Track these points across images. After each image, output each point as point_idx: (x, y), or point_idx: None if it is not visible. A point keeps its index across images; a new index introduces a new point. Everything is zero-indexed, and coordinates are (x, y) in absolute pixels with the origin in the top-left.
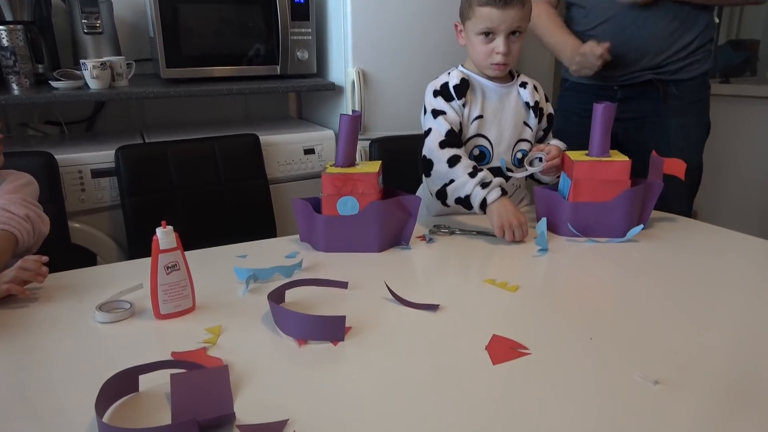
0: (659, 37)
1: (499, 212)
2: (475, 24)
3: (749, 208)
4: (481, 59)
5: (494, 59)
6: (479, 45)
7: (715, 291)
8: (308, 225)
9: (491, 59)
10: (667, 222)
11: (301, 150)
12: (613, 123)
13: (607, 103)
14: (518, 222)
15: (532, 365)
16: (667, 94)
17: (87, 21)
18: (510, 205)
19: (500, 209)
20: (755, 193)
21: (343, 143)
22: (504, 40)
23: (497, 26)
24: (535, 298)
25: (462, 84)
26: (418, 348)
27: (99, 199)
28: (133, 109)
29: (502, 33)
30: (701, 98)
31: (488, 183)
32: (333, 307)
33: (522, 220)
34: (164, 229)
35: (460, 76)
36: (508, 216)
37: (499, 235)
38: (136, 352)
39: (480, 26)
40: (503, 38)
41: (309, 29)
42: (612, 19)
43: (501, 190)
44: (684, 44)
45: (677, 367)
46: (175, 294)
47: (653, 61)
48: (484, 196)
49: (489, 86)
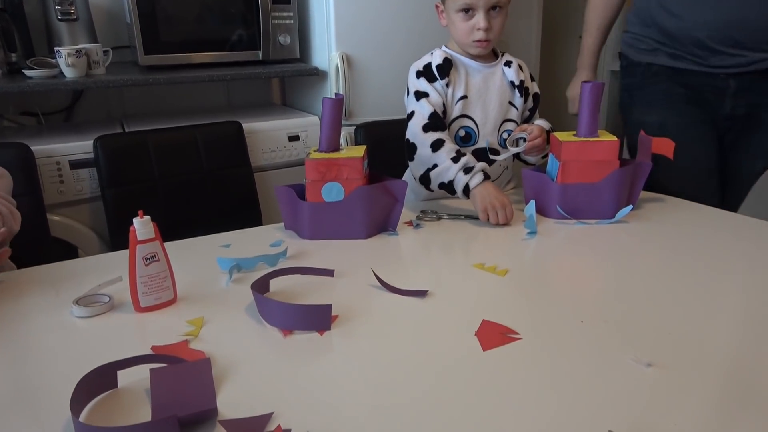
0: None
1: (482, 196)
2: (455, 1)
3: None
4: (462, 37)
5: (475, 35)
6: (460, 22)
7: (705, 271)
8: (292, 213)
9: (473, 36)
10: (656, 202)
11: (286, 137)
12: (721, 123)
13: (595, 81)
14: (501, 204)
15: (523, 350)
16: None
17: (61, 7)
18: (492, 188)
19: (483, 193)
20: None
21: (327, 128)
22: (484, 15)
23: (476, 1)
24: (524, 282)
25: (445, 63)
26: (406, 336)
27: (78, 191)
28: (112, 97)
29: (481, 8)
30: None
31: (471, 168)
32: (319, 295)
33: (505, 202)
34: (141, 220)
35: (443, 56)
36: (491, 199)
37: (483, 219)
38: (115, 347)
39: (459, 2)
40: (483, 13)
41: (291, 13)
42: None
43: (483, 175)
44: None
45: (670, 348)
46: (155, 286)
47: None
48: (466, 181)
49: (473, 66)
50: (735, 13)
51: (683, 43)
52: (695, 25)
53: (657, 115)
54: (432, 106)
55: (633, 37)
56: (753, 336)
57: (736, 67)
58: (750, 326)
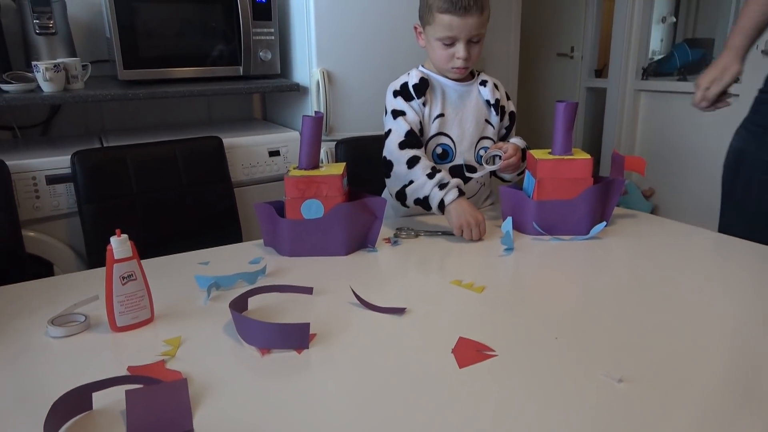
0: None
1: (456, 212)
2: (436, 30)
3: (707, 202)
4: (441, 63)
5: (455, 63)
6: (439, 49)
7: (677, 286)
8: (272, 229)
9: (452, 63)
10: (628, 218)
11: (266, 152)
12: None
13: (569, 101)
14: (475, 221)
15: (498, 367)
16: None
17: (39, 21)
18: (467, 204)
19: (458, 209)
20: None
21: (306, 145)
22: (464, 46)
23: (457, 34)
24: (501, 299)
25: (421, 83)
26: (384, 354)
27: (55, 207)
28: (90, 112)
29: (462, 40)
30: None
31: (446, 184)
32: (298, 313)
33: (479, 219)
34: (119, 238)
35: (419, 76)
36: (465, 216)
37: (458, 234)
38: (91, 368)
39: (440, 33)
40: (463, 44)
41: (272, 29)
42: None
43: (458, 191)
44: None
45: (641, 364)
46: (131, 305)
47: None
48: (441, 197)
49: (449, 85)
50: None
51: None
52: None
53: None
54: (408, 124)
55: None
56: (725, 351)
57: None
58: (722, 341)
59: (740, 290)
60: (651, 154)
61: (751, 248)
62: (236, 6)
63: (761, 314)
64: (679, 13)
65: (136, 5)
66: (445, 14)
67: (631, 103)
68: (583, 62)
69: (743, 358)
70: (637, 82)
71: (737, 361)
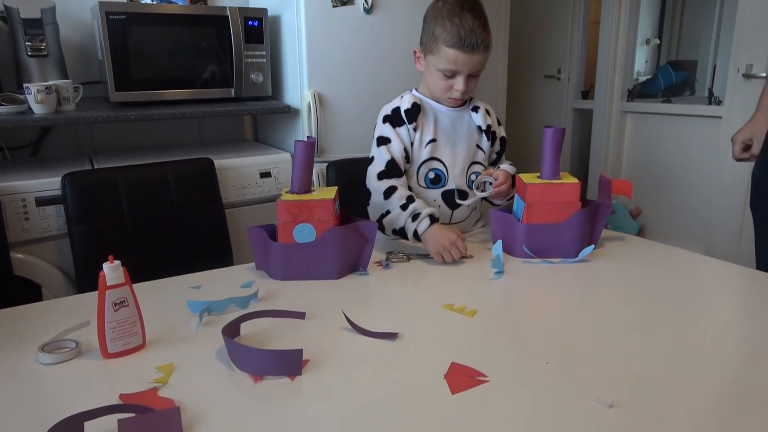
0: None
1: (431, 240)
2: (439, 61)
3: (693, 221)
4: (438, 92)
5: (452, 95)
6: (439, 79)
7: (665, 310)
8: (264, 253)
9: (450, 94)
10: (616, 241)
11: (257, 173)
12: None
13: (556, 126)
14: (450, 242)
15: (490, 393)
16: None
17: (31, 44)
18: (438, 230)
19: (431, 237)
20: (697, 206)
21: (298, 169)
22: (464, 80)
23: (460, 68)
24: (492, 323)
25: (413, 108)
26: (377, 380)
27: (44, 229)
28: (81, 133)
29: (463, 74)
30: None
31: (418, 214)
32: (290, 338)
33: (453, 239)
34: (111, 264)
35: (412, 101)
36: (440, 240)
37: (439, 260)
38: (82, 396)
39: (443, 65)
40: (464, 78)
41: (263, 52)
42: None
43: (430, 219)
44: None
45: (631, 389)
46: (123, 331)
47: None
48: (415, 228)
49: (441, 110)
50: None
51: None
52: None
53: None
54: (390, 154)
55: None
56: (715, 375)
57: None
58: (712, 365)
59: (728, 314)
60: (637, 174)
61: (738, 271)
62: (228, 29)
63: (751, 338)
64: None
65: (129, 28)
66: (452, 48)
67: (617, 124)
68: (570, 84)
69: (734, 383)
70: (622, 103)
71: (728, 385)
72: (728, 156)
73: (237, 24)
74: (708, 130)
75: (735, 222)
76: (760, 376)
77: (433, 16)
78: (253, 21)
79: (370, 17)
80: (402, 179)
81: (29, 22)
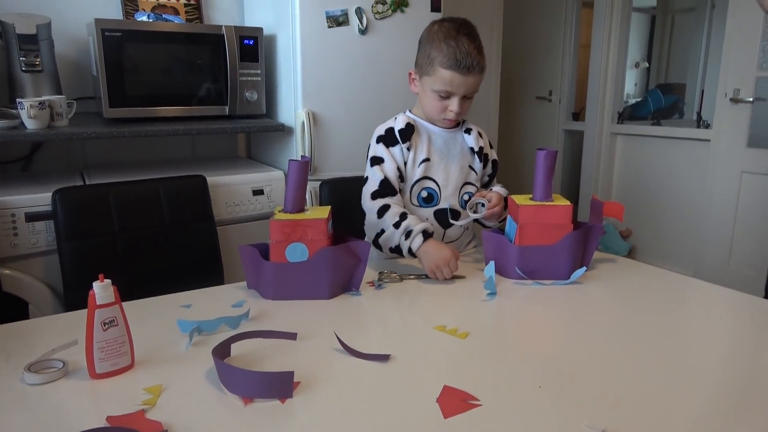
0: None
1: (425, 258)
2: (434, 82)
3: (681, 241)
4: (432, 113)
5: (447, 116)
6: (434, 100)
7: (656, 333)
8: (256, 272)
9: (444, 115)
10: (607, 263)
11: (250, 191)
12: None
13: (549, 149)
14: (444, 261)
15: (483, 417)
16: None
17: (26, 59)
18: (433, 247)
19: (426, 255)
20: (686, 226)
21: (292, 189)
22: (459, 101)
23: (455, 90)
24: (485, 345)
25: (407, 128)
26: (369, 403)
27: (33, 244)
28: (73, 148)
29: (458, 95)
30: None
31: (411, 231)
32: (281, 360)
33: (447, 258)
34: (102, 283)
35: (405, 121)
36: (434, 259)
37: (433, 277)
38: (69, 417)
39: (438, 86)
40: (458, 100)
41: (258, 70)
42: None
43: (423, 236)
44: None
45: (624, 413)
46: (112, 351)
47: None
48: (408, 245)
49: (435, 131)
50: None
51: None
52: None
53: None
54: (384, 173)
55: None
56: (707, 398)
57: None
58: (704, 389)
59: (719, 337)
60: (627, 195)
61: (725, 294)
62: (224, 47)
63: (741, 361)
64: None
65: (124, 44)
66: (448, 70)
67: (607, 146)
68: (561, 106)
69: (726, 407)
70: (613, 125)
71: (720, 408)
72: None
73: (232, 42)
74: (697, 153)
75: (724, 243)
76: (751, 400)
77: (430, 38)
78: (249, 40)
79: (365, 38)
80: (396, 198)
81: (24, 38)
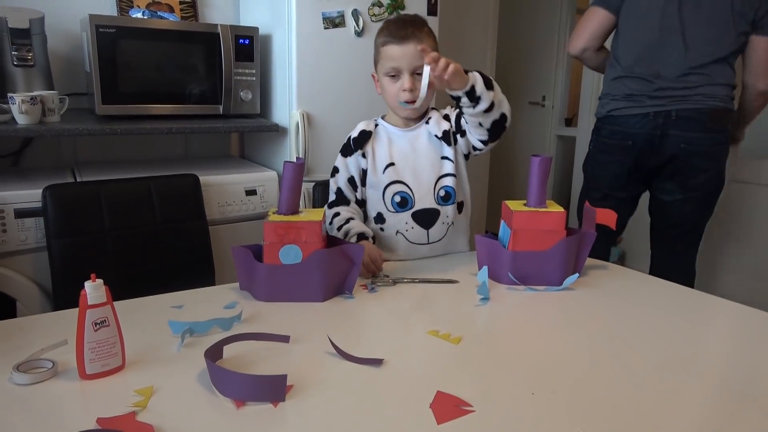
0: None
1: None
2: (383, 65)
3: None
4: (392, 101)
5: (402, 96)
6: (388, 86)
7: (648, 340)
8: (248, 274)
9: (400, 97)
10: (600, 270)
11: (243, 191)
12: None
13: (543, 155)
14: (369, 259)
15: (476, 424)
16: None
17: (18, 53)
18: (366, 248)
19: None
20: None
21: (286, 191)
22: (409, 77)
23: (399, 62)
24: (477, 351)
25: (360, 136)
26: (362, 407)
27: (22, 241)
28: (64, 144)
29: (406, 70)
30: None
31: (347, 234)
32: (274, 362)
33: (374, 256)
34: (93, 283)
35: (361, 129)
36: (363, 257)
37: (365, 276)
38: (58, 419)
39: (386, 66)
40: (408, 75)
41: (253, 70)
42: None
43: (358, 238)
44: None
45: (616, 420)
46: (103, 352)
47: None
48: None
49: (396, 133)
50: None
51: None
52: None
53: None
54: (337, 184)
55: None
56: (700, 405)
57: None
58: (696, 396)
59: (711, 344)
60: None
61: (715, 302)
62: (219, 46)
63: (734, 368)
64: None
65: (118, 41)
66: (387, 45)
67: None
68: (554, 111)
69: (719, 413)
70: None
71: (713, 414)
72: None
73: (228, 42)
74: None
75: (712, 250)
76: (744, 407)
77: (377, 34)
78: (244, 39)
79: (361, 40)
80: (349, 206)
81: (17, 32)
